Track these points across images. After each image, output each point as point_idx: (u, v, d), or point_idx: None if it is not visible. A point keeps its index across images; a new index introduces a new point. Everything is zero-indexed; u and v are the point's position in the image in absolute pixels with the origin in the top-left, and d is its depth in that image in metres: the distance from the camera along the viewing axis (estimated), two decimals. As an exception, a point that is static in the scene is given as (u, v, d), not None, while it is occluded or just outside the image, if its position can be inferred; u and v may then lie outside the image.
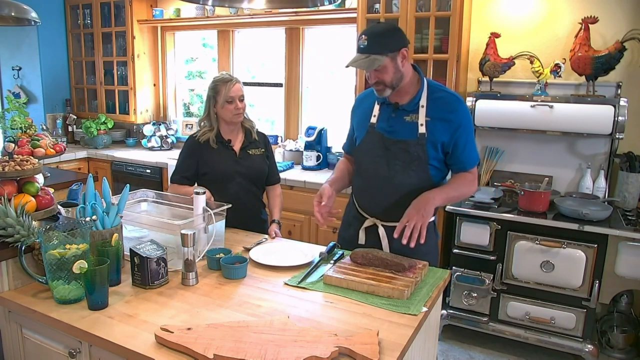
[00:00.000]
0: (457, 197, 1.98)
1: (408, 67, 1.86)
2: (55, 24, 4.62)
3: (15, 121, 3.19)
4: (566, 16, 3.01)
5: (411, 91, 1.89)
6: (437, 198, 1.81)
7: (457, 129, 1.84)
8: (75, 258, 1.46)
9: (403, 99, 1.89)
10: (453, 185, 1.92)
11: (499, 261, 2.80)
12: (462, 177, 1.92)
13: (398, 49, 1.79)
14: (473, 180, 1.94)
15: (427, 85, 1.89)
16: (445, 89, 1.96)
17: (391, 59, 1.78)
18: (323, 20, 3.65)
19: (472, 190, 1.98)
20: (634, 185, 2.82)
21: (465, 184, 1.92)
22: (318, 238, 3.30)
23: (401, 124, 1.87)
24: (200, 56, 4.74)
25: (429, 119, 1.84)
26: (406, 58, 1.82)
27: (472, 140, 1.92)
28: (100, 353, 1.37)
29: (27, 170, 1.75)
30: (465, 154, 1.89)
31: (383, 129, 1.91)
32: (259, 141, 2.37)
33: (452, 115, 1.85)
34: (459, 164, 1.91)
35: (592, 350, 2.67)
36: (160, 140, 4.45)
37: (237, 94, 2.24)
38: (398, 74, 1.81)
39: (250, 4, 2.14)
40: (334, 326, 1.37)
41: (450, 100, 1.88)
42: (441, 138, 1.84)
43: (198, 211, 1.85)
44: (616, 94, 2.90)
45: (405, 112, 1.88)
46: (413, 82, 1.89)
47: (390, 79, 1.81)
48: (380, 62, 1.77)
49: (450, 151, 1.87)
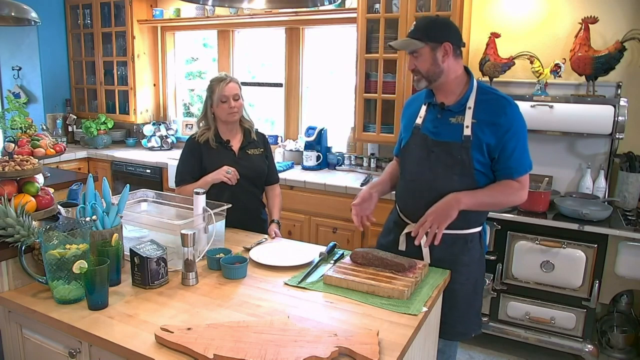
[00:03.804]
0: (492, 204, 1.83)
1: (452, 64, 1.78)
2: (55, 24, 4.61)
3: (15, 121, 3.19)
4: (566, 16, 3.01)
5: (458, 91, 1.82)
6: (464, 201, 1.72)
7: (506, 132, 1.74)
8: (75, 258, 1.46)
9: (449, 99, 1.82)
10: (490, 190, 1.78)
11: (499, 261, 2.79)
12: (505, 184, 1.78)
13: (441, 41, 1.74)
14: (520, 190, 1.78)
15: (476, 87, 1.82)
16: (497, 91, 1.86)
17: (431, 49, 1.75)
18: (323, 20, 3.65)
19: (517, 200, 1.82)
20: (634, 185, 2.81)
21: (507, 191, 1.78)
22: (318, 238, 3.30)
23: (446, 126, 1.80)
24: (200, 56, 4.74)
25: (476, 122, 1.76)
26: (448, 54, 1.75)
27: (523, 145, 1.79)
28: (100, 353, 1.37)
29: (27, 170, 1.75)
30: (512, 160, 1.76)
31: (428, 130, 1.84)
32: (258, 141, 2.37)
33: (501, 118, 1.74)
34: (506, 170, 1.78)
35: (592, 350, 2.67)
36: (160, 140, 4.45)
37: (231, 92, 2.23)
38: (436, 67, 1.76)
39: (250, 4, 2.14)
40: (334, 326, 1.37)
41: (500, 103, 1.78)
42: (487, 141, 1.74)
43: (198, 211, 1.85)
44: (616, 94, 2.90)
45: (451, 113, 1.80)
46: (461, 83, 1.82)
47: (426, 69, 1.77)
48: (416, 46, 1.75)
49: (497, 156, 1.76)
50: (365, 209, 1.84)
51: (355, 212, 1.84)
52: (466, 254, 1.85)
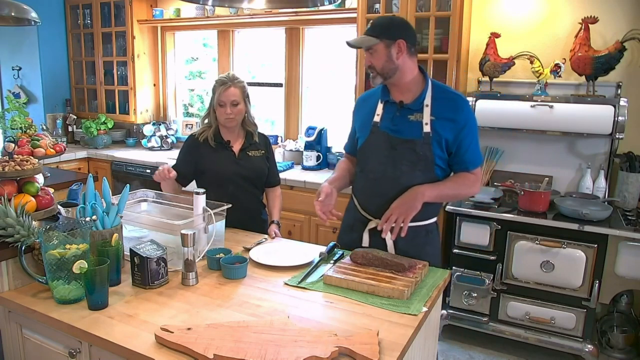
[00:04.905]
0: (452, 195, 1.97)
1: (407, 63, 1.84)
2: (55, 24, 4.61)
3: (15, 121, 3.19)
4: (566, 16, 3.01)
5: (415, 90, 1.88)
6: (427, 194, 1.80)
7: (463, 128, 1.84)
8: (75, 258, 1.46)
9: (406, 97, 1.88)
10: (449, 183, 1.90)
11: (499, 261, 2.80)
12: (462, 176, 1.90)
13: (395, 38, 1.80)
14: (475, 182, 1.91)
15: (431, 85, 1.89)
16: (451, 89, 1.97)
17: (385, 46, 1.80)
18: (323, 20, 3.65)
19: (473, 191, 1.96)
20: (634, 185, 2.82)
21: (465, 183, 1.90)
22: (318, 238, 3.30)
23: (406, 123, 1.86)
24: (200, 56, 4.74)
25: (434, 118, 1.83)
26: (402, 51, 1.81)
27: (476, 141, 1.90)
28: (100, 353, 1.37)
29: (27, 170, 1.75)
30: (468, 154, 1.88)
31: (388, 128, 1.89)
32: (259, 143, 2.36)
33: (458, 115, 1.84)
34: (462, 164, 1.89)
35: (592, 350, 2.67)
36: (160, 140, 4.45)
37: (229, 99, 2.19)
38: (390, 63, 1.82)
39: (250, 4, 2.14)
40: (334, 326, 1.37)
41: (456, 101, 1.88)
42: (446, 137, 1.83)
43: (198, 211, 1.85)
44: (616, 94, 2.90)
45: (410, 111, 1.87)
46: (417, 81, 1.89)
47: (380, 66, 1.83)
48: (371, 43, 1.81)
49: (454, 151, 1.86)
50: (328, 205, 1.87)
51: (319, 208, 1.86)
52: (429, 244, 1.94)
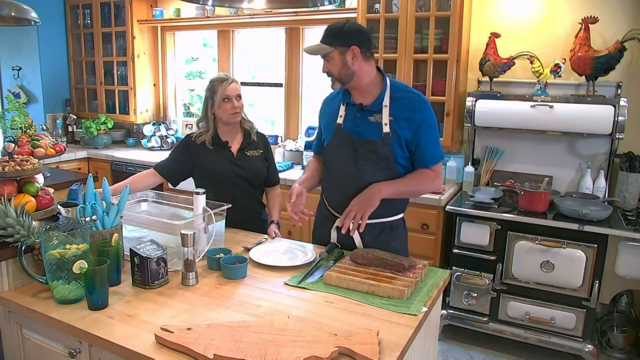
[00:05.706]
0: (410, 192, 1.99)
1: (364, 67, 1.87)
2: (55, 24, 4.62)
3: (15, 121, 3.19)
4: (566, 16, 3.01)
5: (374, 91, 1.92)
6: (384, 191, 1.85)
7: (420, 127, 1.87)
8: (75, 258, 1.46)
9: (366, 99, 1.92)
10: (407, 179, 1.92)
11: (499, 261, 2.80)
12: (421, 172, 1.93)
13: (348, 45, 1.83)
14: (434, 178, 1.94)
15: (389, 86, 1.92)
16: (409, 88, 2.00)
17: (340, 53, 1.84)
18: (323, 20, 3.65)
19: (432, 187, 1.98)
20: (634, 185, 2.82)
21: (423, 180, 1.93)
22: (318, 238, 3.29)
23: (366, 125, 1.91)
24: (200, 56, 4.74)
25: (392, 119, 1.88)
26: (357, 57, 1.84)
27: (435, 138, 1.93)
28: (100, 353, 1.37)
29: (27, 170, 1.74)
30: (427, 152, 1.91)
31: (350, 129, 1.94)
32: (258, 142, 2.36)
33: (415, 114, 1.88)
34: (421, 161, 1.92)
35: (592, 350, 2.67)
36: (160, 140, 4.45)
37: (234, 92, 2.23)
38: (347, 69, 1.85)
39: (250, 4, 2.14)
40: (334, 326, 1.37)
41: (413, 100, 1.91)
42: (405, 136, 1.87)
43: (198, 211, 1.85)
44: (616, 94, 2.90)
45: (370, 113, 1.91)
46: (376, 83, 1.92)
47: (337, 72, 1.87)
48: (326, 50, 1.85)
49: (414, 149, 1.90)
50: (299, 205, 1.92)
51: (291, 209, 1.92)
52: (394, 239, 1.98)
